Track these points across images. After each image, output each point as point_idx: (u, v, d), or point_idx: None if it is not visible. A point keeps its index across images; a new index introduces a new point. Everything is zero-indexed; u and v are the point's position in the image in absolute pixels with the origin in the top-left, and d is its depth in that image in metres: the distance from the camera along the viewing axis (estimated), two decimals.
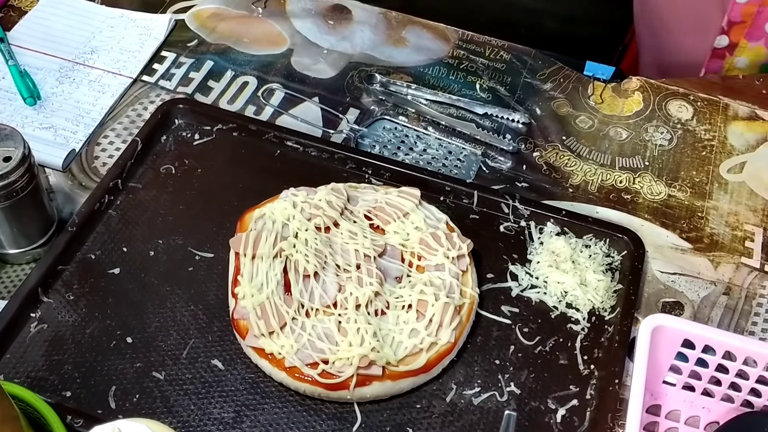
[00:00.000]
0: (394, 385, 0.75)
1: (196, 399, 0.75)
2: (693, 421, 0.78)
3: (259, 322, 0.75)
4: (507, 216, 0.89)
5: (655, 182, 0.96)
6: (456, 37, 1.10)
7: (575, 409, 0.76)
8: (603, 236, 0.88)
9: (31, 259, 0.85)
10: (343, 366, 0.74)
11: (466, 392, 0.77)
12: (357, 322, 0.75)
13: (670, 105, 1.04)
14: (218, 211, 0.88)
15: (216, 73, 1.04)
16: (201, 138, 0.96)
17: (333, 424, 0.74)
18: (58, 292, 0.82)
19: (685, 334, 0.74)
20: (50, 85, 1.01)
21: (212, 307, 0.81)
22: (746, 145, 1.00)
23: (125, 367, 0.77)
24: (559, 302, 0.83)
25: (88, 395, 0.75)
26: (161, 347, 0.78)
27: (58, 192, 0.91)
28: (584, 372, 0.79)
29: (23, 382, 0.75)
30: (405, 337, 0.76)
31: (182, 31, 1.09)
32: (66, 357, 0.77)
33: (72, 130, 0.96)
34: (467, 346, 0.80)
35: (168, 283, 0.83)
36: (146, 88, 1.02)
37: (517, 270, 0.85)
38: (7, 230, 0.81)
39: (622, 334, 0.80)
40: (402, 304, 0.78)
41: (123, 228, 0.87)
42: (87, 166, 0.94)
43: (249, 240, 0.81)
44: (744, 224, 0.92)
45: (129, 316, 0.80)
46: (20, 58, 1.03)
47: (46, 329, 0.79)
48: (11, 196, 0.79)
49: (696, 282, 0.87)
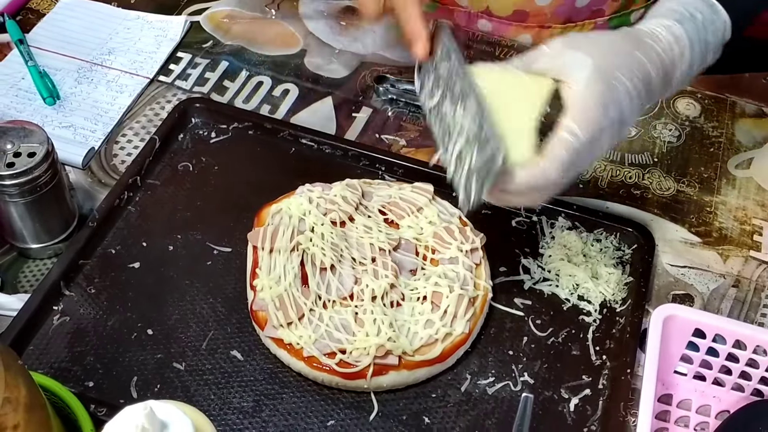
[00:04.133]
0: (410, 374, 0.76)
1: (216, 389, 0.77)
2: (704, 410, 0.79)
3: (278, 314, 0.77)
4: (518, 211, 0.91)
5: (664, 178, 0.97)
6: (465, 37, 1.12)
7: (588, 399, 0.78)
8: (613, 230, 0.89)
9: (53, 254, 0.87)
10: (360, 356, 0.75)
11: (480, 382, 0.79)
12: (373, 313, 0.77)
13: (678, 103, 1.05)
14: (235, 207, 0.90)
15: (231, 73, 1.06)
16: (217, 136, 0.97)
17: (350, 413, 0.76)
18: (79, 286, 0.83)
19: (696, 324, 0.75)
20: (69, 86, 1.03)
21: (231, 300, 0.83)
22: (753, 142, 1.01)
23: (146, 358, 0.79)
24: (571, 295, 0.85)
25: (110, 385, 0.77)
26: (181, 339, 0.80)
27: (78, 189, 0.92)
28: (596, 362, 0.80)
29: (47, 372, 0.77)
30: (420, 327, 0.77)
31: (197, 32, 1.11)
32: (88, 348, 0.79)
33: (91, 128, 0.98)
34: (481, 337, 0.81)
35: (187, 276, 0.85)
36: (163, 88, 1.04)
37: (529, 263, 0.87)
38: (29, 225, 0.83)
39: (633, 326, 0.82)
40: (417, 295, 0.80)
41: (142, 223, 0.89)
42: (106, 163, 0.96)
43: (267, 234, 0.82)
44: (752, 219, 0.94)
45: (149, 308, 0.82)
46: (39, 59, 1.05)
47: (68, 322, 0.81)
48: (35, 191, 0.80)
49: (705, 275, 0.89)
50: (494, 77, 0.69)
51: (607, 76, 0.67)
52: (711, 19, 0.72)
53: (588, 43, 0.69)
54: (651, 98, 0.70)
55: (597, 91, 0.66)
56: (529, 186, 0.67)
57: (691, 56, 0.71)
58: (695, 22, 0.71)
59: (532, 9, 1.09)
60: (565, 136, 0.65)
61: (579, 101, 0.66)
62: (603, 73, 0.67)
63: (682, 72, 0.72)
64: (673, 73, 0.71)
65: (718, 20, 0.72)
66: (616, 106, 0.67)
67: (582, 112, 0.66)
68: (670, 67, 0.70)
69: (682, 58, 0.71)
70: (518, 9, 1.09)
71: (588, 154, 0.67)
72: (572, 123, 0.65)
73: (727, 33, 0.72)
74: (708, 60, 0.73)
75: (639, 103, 0.69)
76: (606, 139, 0.68)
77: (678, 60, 0.71)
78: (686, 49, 0.71)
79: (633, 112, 0.69)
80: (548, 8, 1.08)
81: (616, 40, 0.70)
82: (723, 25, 0.72)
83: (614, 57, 0.68)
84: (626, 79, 0.67)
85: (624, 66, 0.68)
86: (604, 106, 0.66)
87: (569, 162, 0.66)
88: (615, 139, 0.69)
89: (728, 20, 0.72)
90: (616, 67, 0.67)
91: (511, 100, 0.68)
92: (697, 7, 0.72)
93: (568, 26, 1.10)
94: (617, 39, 0.70)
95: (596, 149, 0.68)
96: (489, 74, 0.70)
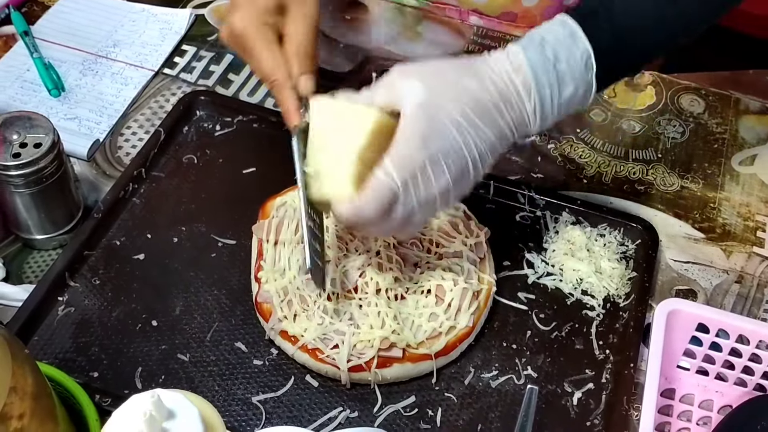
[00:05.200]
0: (414, 367, 0.77)
1: (220, 380, 0.77)
2: (706, 405, 0.79)
3: (282, 306, 0.77)
4: (523, 205, 0.91)
5: (668, 174, 0.97)
6: (471, 32, 1.12)
7: (591, 393, 0.78)
8: (617, 225, 0.89)
9: (58, 245, 0.87)
10: (364, 348, 0.75)
11: (484, 375, 0.79)
12: (378, 306, 0.77)
13: (682, 99, 1.05)
14: (239, 200, 0.90)
15: (236, 67, 1.06)
16: (222, 129, 0.98)
17: (354, 405, 0.76)
18: (84, 277, 0.83)
19: (699, 318, 0.75)
20: (74, 78, 1.03)
21: (235, 292, 0.83)
22: (757, 138, 1.02)
23: (151, 349, 0.79)
24: (575, 289, 0.85)
25: (114, 376, 0.77)
26: (186, 330, 0.80)
27: (82, 181, 0.93)
28: (600, 357, 0.80)
29: (51, 363, 0.77)
30: (424, 320, 0.78)
31: (202, 25, 1.11)
32: (93, 339, 0.79)
33: (96, 120, 0.98)
34: (485, 331, 0.82)
35: (191, 268, 0.85)
36: (167, 80, 1.04)
37: (533, 258, 0.87)
38: (35, 216, 0.83)
39: (636, 320, 0.82)
40: (421, 289, 0.80)
41: (147, 215, 0.89)
42: (111, 155, 0.96)
43: (272, 226, 0.82)
44: (755, 215, 0.94)
45: (154, 300, 0.82)
46: (44, 51, 1.05)
47: (73, 312, 0.81)
48: (40, 182, 0.81)
49: (709, 270, 0.89)
50: (329, 111, 0.69)
51: (432, 107, 0.64)
52: (567, 47, 0.67)
53: (420, 70, 0.66)
54: (496, 128, 0.67)
55: (418, 124, 0.64)
56: (349, 221, 0.66)
57: (536, 85, 0.67)
58: (543, 49, 0.67)
59: (520, 10, 1.09)
60: (379, 174, 0.64)
61: (399, 137, 0.64)
62: (429, 103, 0.64)
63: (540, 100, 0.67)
64: (521, 104, 0.67)
65: (577, 49, 0.67)
66: (440, 138, 0.64)
67: (398, 150, 0.64)
68: (509, 95, 0.67)
69: (526, 87, 0.67)
70: (506, 11, 1.09)
71: (415, 190, 0.65)
72: (388, 161, 0.64)
73: (591, 62, 0.67)
74: (568, 90, 0.68)
75: (477, 135, 0.66)
76: (436, 174, 0.65)
77: (521, 88, 0.67)
78: (528, 78, 0.66)
79: (472, 142, 0.65)
80: (536, 9, 1.08)
81: (446, 67, 0.67)
82: (583, 53, 0.67)
83: (442, 85, 0.65)
84: (453, 108, 0.65)
85: (452, 94, 0.65)
86: (424, 140, 0.64)
87: (388, 199, 0.64)
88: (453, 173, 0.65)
89: (590, 50, 0.67)
90: (444, 96, 0.65)
91: (338, 133, 0.67)
92: (555, 34, 0.68)
93: None
94: (447, 66, 0.67)
95: (423, 185, 0.65)
96: (326, 108, 0.69)
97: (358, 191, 0.66)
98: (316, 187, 0.69)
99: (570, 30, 0.68)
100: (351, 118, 0.67)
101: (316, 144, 0.69)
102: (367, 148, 0.66)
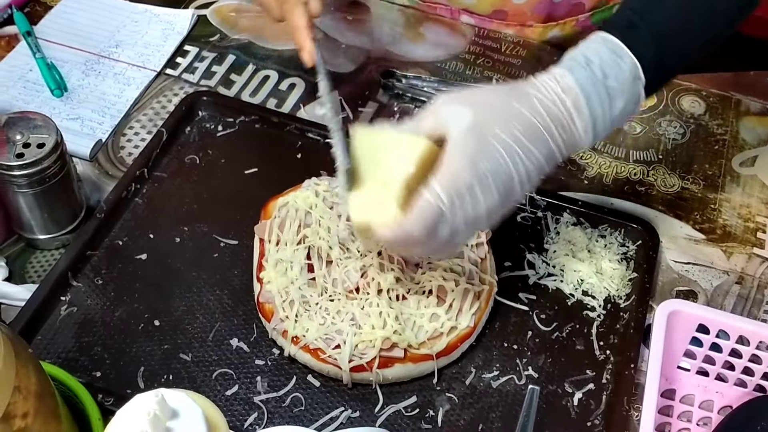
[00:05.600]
0: (415, 367, 0.77)
1: (222, 380, 0.77)
2: (707, 405, 0.79)
3: (284, 306, 0.77)
4: (524, 206, 0.91)
5: (668, 175, 0.98)
6: (472, 33, 1.12)
7: (592, 393, 0.78)
8: (618, 226, 0.90)
9: (61, 245, 0.87)
10: (365, 348, 0.75)
11: (485, 375, 0.79)
12: (379, 306, 0.77)
13: (683, 100, 1.06)
14: (242, 200, 0.90)
15: (238, 67, 1.06)
16: (224, 129, 0.98)
17: (356, 405, 0.76)
18: (87, 277, 0.84)
19: (699, 319, 0.75)
20: (76, 78, 1.04)
21: (237, 292, 0.83)
22: (758, 140, 1.02)
23: (153, 349, 0.79)
24: (576, 290, 0.85)
25: (117, 376, 0.77)
26: (188, 330, 0.80)
27: (85, 181, 0.93)
28: (600, 357, 0.81)
29: (54, 362, 0.77)
30: (426, 321, 0.78)
31: (204, 26, 1.12)
32: (95, 339, 0.80)
33: (98, 121, 0.99)
34: (486, 331, 0.82)
35: (194, 268, 0.85)
36: (170, 81, 1.05)
37: (534, 258, 0.87)
38: (38, 216, 0.84)
39: (637, 321, 0.82)
40: (423, 289, 0.80)
41: (149, 215, 0.89)
42: (113, 156, 0.96)
43: (273, 227, 0.83)
44: (756, 216, 0.94)
45: (156, 300, 0.83)
46: (46, 51, 1.06)
47: (75, 312, 0.81)
48: (44, 182, 0.81)
49: (709, 271, 0.89)
50: (373, 140, 0.69)
51: (480, 130, 0.65)
52: (613, 63, 0.68)
53: (466, 96, 0.67)
54: (545, 148, 0.67)
55: (466, 146, 0.64)
56: (394, 243, 0.66)
57: (587, 103, 0.68)
58: (590, 68, 0.68)
59: (510, 8, 1.09)
60: (426, 195, 0.64)
61: (446, 159, 0.65)
62: (477, 126, 0.65)
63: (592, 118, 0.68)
64: (571, 124, 0.68)
65: (624, 64, 0.68)
66: (488, 159, 0.64)
67: (446, 171, 0.64)
68: (560, 116, 0.67)
69: (577, 106, 0.68)
70: (497, 9, 1.09)
71: (462, 210, 0.65)
72: (435, 182, 0.64)
73: (640, 74, 0.69)
74: (618, 104, 0.69)
75: (527, 156, 0.66)
76: (484, 194, 0.65)
77: (572, 108, 0.68)
78: (579, 97, 0.67)
79: (521, 164, 0.66)
80: (526, 6, 1.08)
81: (494, 91, 0.69)
82: (630, 67, 0.69)
83: (490, 109, 0.66)
84: (501, 131, 0.65)
85: (500, 118, 0.66)
86: (472, 161, 0.64)
87: (433, 219, 0.64)
88: (501, 193, 0.66)
89: (637, 63, 0.68)
90: (492, 119, 0.65)
91: (385, 161, 0.67)
92: (598, 52, 0.69)
93: (549, 25, 1.11)
94: (495, 90, 0.69)
95: (471, 205, 0.65)
96: (369, 137, 0.69)
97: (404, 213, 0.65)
98: (358, 211, 0.68)
99: (612, 45, 0.69)
100: (397, 146, 0.66)
101: (361, 172, 0.68)
102: (415, 176, 0.65)
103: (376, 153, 0.68)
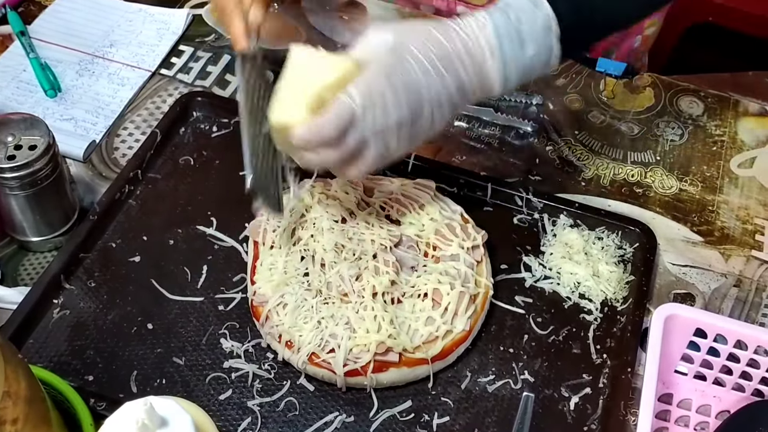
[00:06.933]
0: (410, 371, 0.76)
1: (215, 384, 0.77)
2: (704, 410, 0.79)
3: (279, 309, 0.77)
4: (520, 208, 0.91)
5: (666, 176, 0.97)
6: None
7: (588, 397, 0.78)
8: (615, 229, 0.89)
9: (53, 247, 0.86)
10: (360, 352, 0.75)
11: (480, 379, 0.78)
12: (374, 310, 0.76)
13: (681, 101, 1.05)
14: (236, 202, 0.89)
15: (233, 67, 1.05)
16: (219, 130, 0.97)
17: (350, 410, 0.76)
18: (79, 279, 0.83)
19: (697, 323, 0.75)
20: (70, 78, 1.03)
21: (231, 295, 0.82)
22: (756, 141, 1.01)
23: (146, 353, 0.79)
24: (572, 293, 0.85)
25: (110, 379, 0.77)
26: (181, 333, 0.80)
27: (79, 182, 0.92)
28: (597, 361, 0.80)
29: (46, 366, 0.77)
30: (421, 324, 0.77)
31: (200, 25, 1.11)
32: (88, 342, 0.79)
33: (92, 121, 0.98)
34: (482, 335, 0.81)
35: (188, 271, 0.84)
36: (164, 81, 1.04)
37: (531, 261, 0.87)
38: (30, 218, 0.83)
39: (634, 324, 0.82)
40: (418, 293, 0.79)
41: (143, 217, 0.89)
42: (107, 157, 0.95)
43: (268, 229, 0.82)
44: (754, 218, 0.94)
45: (149, 303, 0.82)
46: (40, 51, 1.05)
47: (68, 315, 0.81)
48: (36, 184, 0.80)
49: (707, 274, 0.89)
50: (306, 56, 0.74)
51: (398, 50, 0.71)
52: (528, 10, 0.72)
53: (391, 26, 0.73)
54: (456, 75, 0.72)
55: (384, 61, 0.70)
56: (306, 140, 0.70)
57: (499, 44, 0.72)
58: (507, 13, 0.72)
59: None
60: (341, 97, 0.69)
61: (365, 72, 0.70)
62: (396, 45, 0.71)
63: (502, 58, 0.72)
64: (483, 61, 0.72)
65: (539, 12, 0.72)
66: (402, 73, 0.70)
67: (362, 79, 0.70)
68: (473, 49, 0.72)
69: (489, 45, 0.72)
70: None
71: (372, 116, 0.69)
72: (351, 86, 0.69)
73: (552, 25, 0.73)
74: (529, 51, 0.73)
75: (438, 77, 0.71)
76: (395, 104, 0.70)
77: (485, 45, 0.72)
78: (491, 37, 0.72)
79: (432, 86, 0.71)
80: None
81: (420, 21, 0.74)
82: (544, 17, 0.72)
83: (410, 32, 0.72)
84: (417, 50, 0.70)
85: (418, 40, 0.71)
86: (387, 73, 0.69)
87: (346, 119, 0.69)
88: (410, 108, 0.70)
89: (551, 14, 0.72)
90: (410, 40, 0.71)
91: (309, 73, 0.72)
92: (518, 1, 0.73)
93: None
94: (421, 21, 0.74)
95: (381, 111, 0.70)
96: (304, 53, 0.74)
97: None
98: (277, 113, 0.72)
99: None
100: (325, 64, 0.72)
101: (287, 79, 0.73)
102: (332, 89, 0.70)
103: (305, 69, 0.72)
